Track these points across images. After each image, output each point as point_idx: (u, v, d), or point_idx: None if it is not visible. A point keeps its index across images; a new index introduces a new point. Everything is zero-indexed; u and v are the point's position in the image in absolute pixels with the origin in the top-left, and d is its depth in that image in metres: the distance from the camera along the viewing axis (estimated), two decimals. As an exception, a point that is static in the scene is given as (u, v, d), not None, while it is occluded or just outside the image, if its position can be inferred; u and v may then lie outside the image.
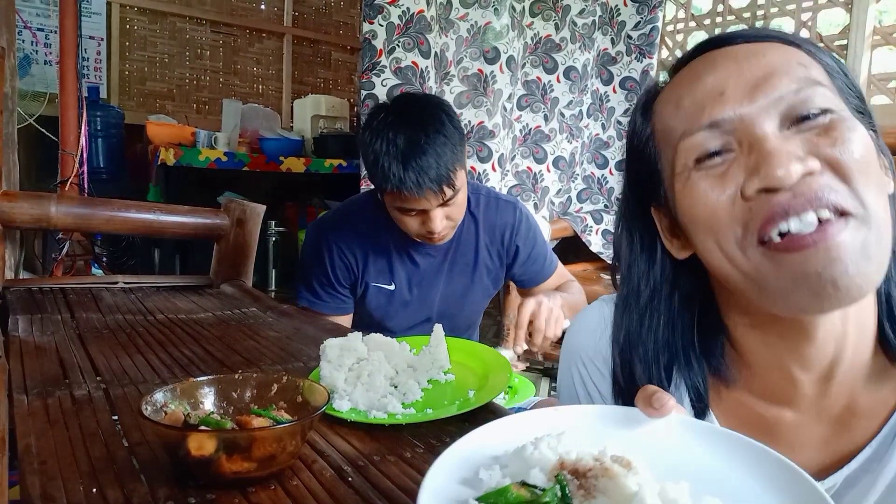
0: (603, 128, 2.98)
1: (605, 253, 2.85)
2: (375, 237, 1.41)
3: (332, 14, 4.36)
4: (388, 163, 1.21)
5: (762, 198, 0.49)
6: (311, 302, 1.45)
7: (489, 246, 1.46)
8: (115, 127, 3.23)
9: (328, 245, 1.41)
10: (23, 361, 0.86)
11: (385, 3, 2.20)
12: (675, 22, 3.05)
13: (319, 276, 1.43)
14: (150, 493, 0.53)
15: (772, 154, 0.49)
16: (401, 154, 1.21)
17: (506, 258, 1.49)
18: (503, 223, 1.46)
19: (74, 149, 2.18)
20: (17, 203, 1.38)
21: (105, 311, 1.21)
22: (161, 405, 0.58)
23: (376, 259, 1.42)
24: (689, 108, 0.55)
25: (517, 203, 1.52)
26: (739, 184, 0.51)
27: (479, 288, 1.49)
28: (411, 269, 1.44)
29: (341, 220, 1.45)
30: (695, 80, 0.56)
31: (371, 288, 1.43)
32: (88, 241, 2.61)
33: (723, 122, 0.52)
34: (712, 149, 0.53)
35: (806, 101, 0.51)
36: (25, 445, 0.60)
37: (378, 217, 1.40)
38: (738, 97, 0.52)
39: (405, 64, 2.28)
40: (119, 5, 3.61)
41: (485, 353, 0.93)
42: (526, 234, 1.48)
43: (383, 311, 1.46)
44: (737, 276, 0.53)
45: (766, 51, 0.54)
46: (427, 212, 1.26)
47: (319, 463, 0.60)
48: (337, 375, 0.75)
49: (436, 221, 1.26)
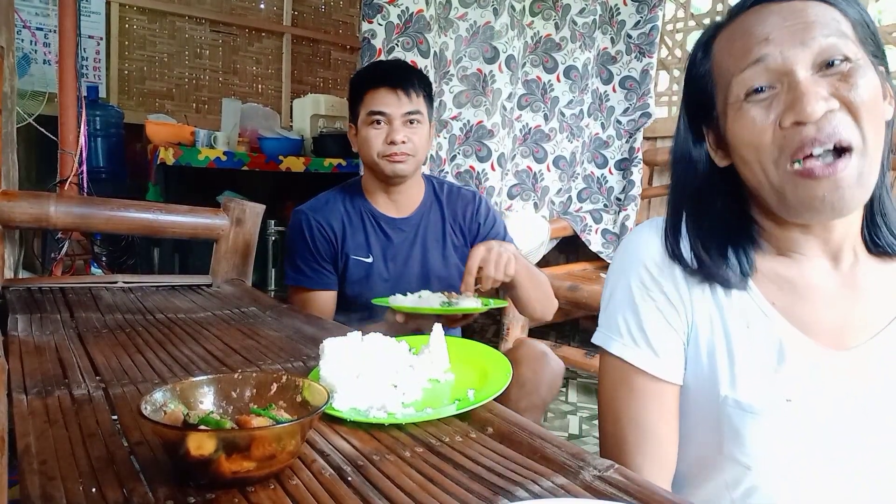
0: (603, 127, 2.98)
1: (604, 252, 2.85)
2: (352, 214, 1.55)
3: (332, 13, 4.36)
4: (370, 69, 1.56)
5: (795, 129, 0.64)
6: (296, 279, 1.52)
7: (453, 224, 1.62)
8: (114, 126, 3.23)
9: (308, 222, 1.52)
10: (22, 361, 0.86)
11: (384, 3, 2.20)
12: (675, 21, 3.05)
13: (303, 252, 1.52)
14: (150, 492, 0.53)
15: (805, 94, 0.63)
16: (383, 64, 1.61)
17: (468, 234, 1.62)
18: (464, 205, 1.63)
19: (74, 148, 2.18)
20: (17, 202, 1.38)
21: (104, 310, 1.21)
22: (160, 404, 0.58)
23: (354, 233, 1.54)
24: (740, 49, 0.68)
25: (476, 192, 1.68)
26: (779, 114, 0.65)
27: (452, 263, 1.60)
28: (385, 243, 1.55)
29: (319, 202, 1.58)
30: (746, 29, 0.69)
31: (351, 260, 1.52)
32: (88, 241, 2.60)
33: (767, 58, 0.66)
34: (758, 85, 0.66)
35: (832, 50, 0.64)
36: (25, 445, 0.60)
37: (356, 197, 1.57)
38: (781, 42, 0.65)
39: None
40: (118, 5, 3.61)
41: (485, 353, 0.93)
42: (485, 212, 1.63)
43: (364, 285, 1.53)
44: (766, 187, 0.68)
45: (807, 8, 0.66)
46: (392, 122, 1.46)
47: (319, 463, 0.60)
48: (337, 375, 0.75)
49: (398, 131, 1.45)
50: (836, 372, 0.70)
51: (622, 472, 0.59)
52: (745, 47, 0.67)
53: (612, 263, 0.84)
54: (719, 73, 0.72)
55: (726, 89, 0.70)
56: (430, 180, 1.64)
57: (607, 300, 0.82)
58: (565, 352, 2.44)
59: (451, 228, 1.61)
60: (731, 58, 0.69)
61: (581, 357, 2.37)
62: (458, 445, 0.65)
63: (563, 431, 2.13)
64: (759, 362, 0.72)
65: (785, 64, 0.65)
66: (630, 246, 0.81)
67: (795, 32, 0.65)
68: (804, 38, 0.64)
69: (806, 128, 0.63)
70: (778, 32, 0.65)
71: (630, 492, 0.56)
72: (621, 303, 0.79)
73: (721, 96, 0.71)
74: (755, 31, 0.67)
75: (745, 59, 0.67)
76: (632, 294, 0.78)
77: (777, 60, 0.65)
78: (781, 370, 0.70)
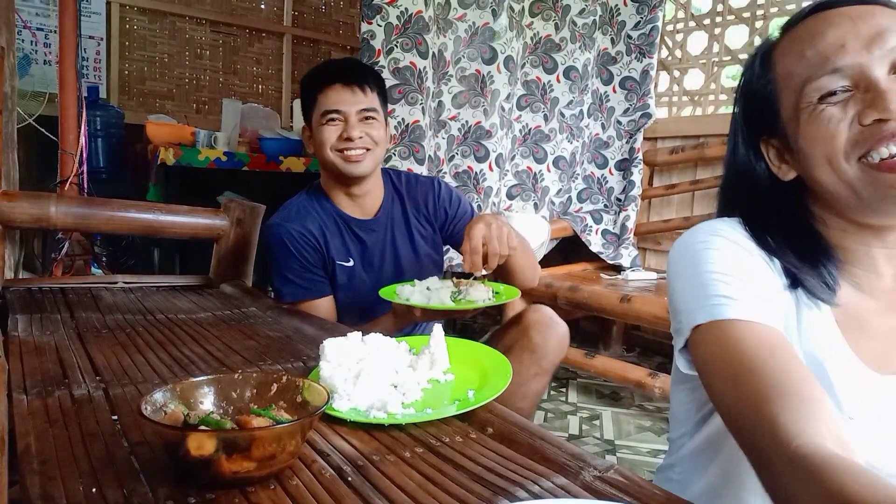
0: (603, 127, 2.98)
1: (604, 253, 2.85)
2: (325, 218, 1.51)
3: (332, 14, 4.36)
4: (320, 67, 1.50)
5: (875, 125, 0.65)
6: (292, 294, 1.45)
7: (416, 215, 1.59)
8: (114, 127, 3.23)
9: (289, 234, 1.45)
10: (22, 361, 0.86)
11: (384, 4, 2.21)
12: (675, 22, 3.05)
13: (292, 264, 1.44)
14: (150, 492, 0.53)
15: (886, 92, 0.64)
16: (335, 62, 1.51)
17: (435, 221, 1.60)
18: (424, 192, 1.60)
19: (74, 148, 2.18)
20: (17, 203, 1.38)
21: (105, 310, 1.21)
22: (161, 405, 0.58)
23: (332, 237, 1.50)
24: (814, 58, 0.68)
25: (436, 178, 1.66)
26: (856, 113, 0.66)
27: (423, 255, 1.59)
28: (360, 247, 1.52)
29: (291, 211, 1.51)
30: (816, 36, 0.69)
31: (337, 266, 1.50)
32: (88, 241, 2.60)
33: (844, 68, 0.66)
34: (834, 88, 0.67)
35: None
36: (25, 445, 0.60)
37: (319, 201, 1.52)
38: (857, 49, 0.66)
39: (403, 64, 2.28)
40: (119, 5, 3.61)
41: (485, 353, 0.93)
42: (448, 196, 1.60)
43: (350, 289, 1.51)
44: (839, 186, 0.68)
45: (875, 12, 0.68)
46: (348, 119, 1.42)
47: (319, 463, 0.60)
48: (337, 375, 0.75)
49: (353, 127, 1.42)
50: (884, 395, 0.70)
51: (622, 472, 0.59)
52: (819, 55, 0.68)
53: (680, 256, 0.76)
54: (787, 81, 0.71)
55: (797, 96, 0.70)
56: (388, 173, 1.60)
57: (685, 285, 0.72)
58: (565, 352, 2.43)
59: (414, 220, 1.58)
60: (802, 66, 0.69)
61: (581, 357, 2.37)
62: (458, 446, 0.65)
63: (563, 432, 2.13)
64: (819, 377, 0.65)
65: (863, 71, 0.66)
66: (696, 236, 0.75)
67: (871, 40, 0.66)
68: (880, 45, 0.66)
69: (888, 123, 0.64)
70: (853, 41, 0.66)
71: (630, 492, 0.56)
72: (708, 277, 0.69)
73: (789, 104, 0.71)
74: (828, 37, 0.68)
75: (821, 66, 0.67)
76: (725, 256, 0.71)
77: (856, 70, 0.66)
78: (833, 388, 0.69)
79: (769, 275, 0.71)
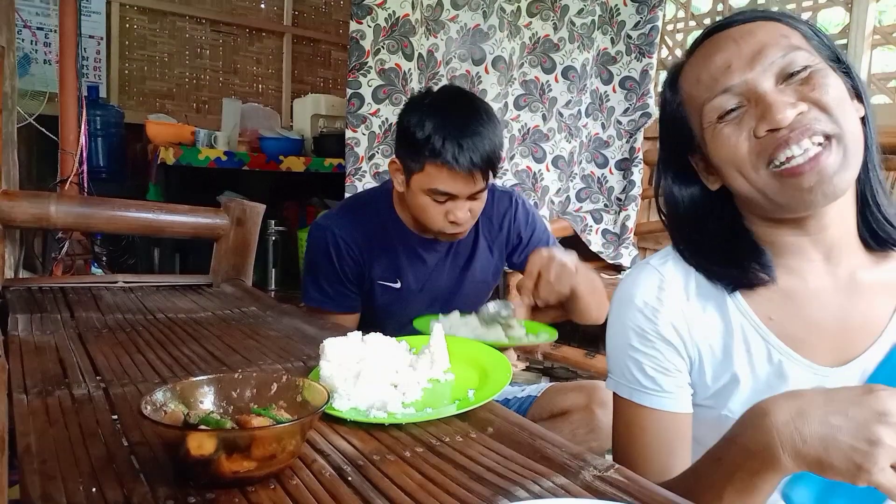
0: (603, 127, 2.98)
1: (604, 252, 2.85)
2: (381, 235, 1.40)
3: (332, 13, 4.36)
4: (442, 137, 1.22)
5: (769, 135, 0.69)
6: (320, 301, 1.42)
7: (487, 237, 1.47)
8: (114, 126, 3.23)
9: (335, 242, 1.38)
10: (22, 361, 0.86)
11: (373, 5, 2.23)
12: (675, 21, 3.05)
13: (328, 273, 1.40)
14: (150, 492, 0.53)
15: (773, 104, 0.68)
16: (457, 131, 1.23)
17: (505, 248, 1.49)
18: (501, 211, 1.47)
19: (74, 148, 2.18)
20: (17, 202, 1.38)
21: (105, 310, 1.21)
22: (161, 404, 0.58)
23: (382, 257, 1.40)
24: (707, 81, 0.74)
25: (513, 192, 1.52)
26: (751, 128, 0.70)
27: (479, 280, 1.50)
28: (419, 268, 1.43)
29: (347, 214, 1.43)
30: (707, 59, 0.74)
31: (377, 286, 1.42)
32: (88, 241, 2.60)
33: (733, 87, 0.71)
34: (729, 107, 0.72)
35: (791, 62, 0.70)
36: (25, 445, 0.60)
37: (385, 214, 1.40)
38: (741, 67, 0.71)
39: (389, 66, 2.30)
40: (119, 4, 3.61)
41: (485, 353, 0.93)
42: (524, 219, 1.48)
43: (389, 308, 1.45)
44: (753, 193, 0.72)
45: (756, 29, 0.73)
46: (456, 199, 1.27)
47: (319, 462, 0.60)
48: (337, 375, 0.75)
49: (464, 210, 1.28)
50: None
51: (622, 472, 0.59)
52: (711, 77, 0.73)
53: (610, 310, 0.86)
54: (691, 104, 0.77)
55: (699, 116, 0.75)
56: None
57: (610, 347, 0.85)
58: (565, 352, 2.44)
59: (483, 243, 1.46)
60: (699, 89, 0.75)
61: (581, 357, 2.37)
62: (459, 445, 0.65)
63: (563, 431, 2.12)
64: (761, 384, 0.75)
65: (750, 87, 0.70)
66: (622, 292, 0.84)
67: (752, 57, 0.70)
68: (761, 61, 0.70)
69: (779, 132, 0.68)
70: (737, 60, 0.71)
71: (630, 492, 0.56)
72: (622, 349, 0.82)
73: (696, 124, 0.77)
74: (716, 60, 0.73)
75: (713, 88, 0.73)
76: (630, 340, 0.81)
77: (743, 87, 0.71)
78: (781, 390, 0.71)
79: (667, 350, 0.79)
